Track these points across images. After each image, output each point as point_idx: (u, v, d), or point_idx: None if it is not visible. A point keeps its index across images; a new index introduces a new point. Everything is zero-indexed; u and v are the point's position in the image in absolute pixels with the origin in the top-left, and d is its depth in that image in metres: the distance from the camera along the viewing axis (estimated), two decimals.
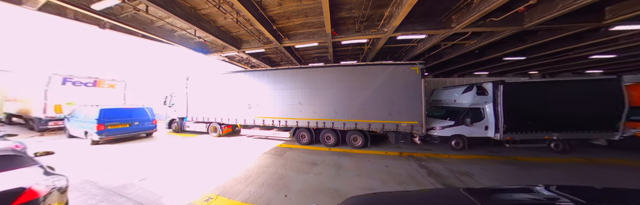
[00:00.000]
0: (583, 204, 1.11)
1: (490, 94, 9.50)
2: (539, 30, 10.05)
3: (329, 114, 10.72)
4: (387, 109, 9.96)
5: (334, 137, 10.79)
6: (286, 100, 11.11)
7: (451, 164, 7.75)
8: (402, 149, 10.19)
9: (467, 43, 11.93)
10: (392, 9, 9.49)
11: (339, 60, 18.39)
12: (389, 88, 9.92)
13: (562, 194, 1.19)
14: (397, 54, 14.77)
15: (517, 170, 7.09)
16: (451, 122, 9.94)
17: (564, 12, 8.58)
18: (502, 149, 9.84)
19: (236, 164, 8.17)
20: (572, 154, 9.26)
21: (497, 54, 13.13)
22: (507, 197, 1.14)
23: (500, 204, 1.06)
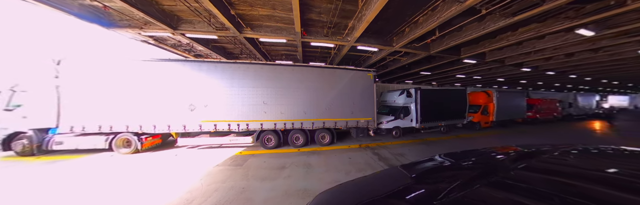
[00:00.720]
0: (454, 162, 1.04)
1: (413, 96, 8.01)
2: (436, 57, 8.86)
3: (298, 114, 6.20)
4: (349, 108, 6.66)
5: (303, 137, 6.37)
6: (248, 99, 5.84)
7: (392, 148, 6.14)
8: (361, 141, 7.10)
9: (402, 59, 10.42)
10: (355, 22, 6.47)
11: (308, 61, 11.80)
12: (351, 90, 6.67)
13: (446, 158, 1.10)
14: (357, 61, 11.33)
15: (427, 147, 6.46)
16: (392, 117, 7.84)
17: (446, 47, 8.22)
18: (419, 134, 8.50)
19: (172, 187, 3.36)
20: (449, 133, 8.93)
21: (417, 69, 12.15)
22: (422, 166, 0.99)
23: (419, 171, 0.89)
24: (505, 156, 1.04)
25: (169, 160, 4.83)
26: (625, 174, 0.75)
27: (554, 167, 0.82)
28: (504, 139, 8.07)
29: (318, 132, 6.33)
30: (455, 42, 7.48)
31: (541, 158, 0.92)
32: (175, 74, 5.28)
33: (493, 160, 1.04)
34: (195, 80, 5.34)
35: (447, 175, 0.91)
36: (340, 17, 6.57)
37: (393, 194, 0.73)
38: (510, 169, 0.81)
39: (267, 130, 5.81)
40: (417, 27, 6.79)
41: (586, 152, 1.06)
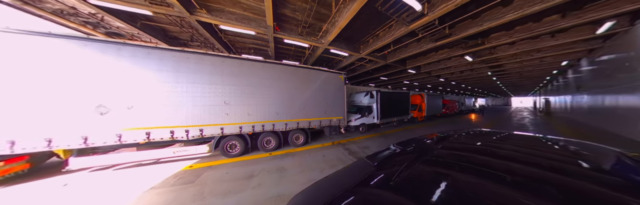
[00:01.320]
0: (402, 148, 0.85)
1: (375, 97, 6.26)
2: (391, 66, 7.32)
3: (269, 115, 3.57)
4: (323, 108, 4.43)
5: (276, 140, 3.76)
6: (202, 99, 2.79)
7: (360, 143, 4.40)
8: (334, 139, 4.96)
9: (367, 65, 8.83)
10: (328, 26, 4.36)
11: (281, 58, 7.73)
12: (324, 90, 4.45)
13: (397, 146, 0.88)
14: (330, 63, 8.96)
15: (385, 139, 4.92)
16: (359, 115, 5.92)
17: (397, 59, 6.83)
18: (379, 129, 6.80)
19: None
20: (399, 126, 7.52)
21: (377, 75, 10.81)
22: (381, 155, 0.77)
23: (379, 160, 0.70)
24: (431, 140, 0.95)
25: (53, 193, 1.70)
26: (489, 145, 0.84)
27: (455, 145, 0.85)
28: (432, 128, 7.29)
29: (292, 133, 4.06)
30: (403, 55, 6.30)
31: (449, 139, 0.94)
32: (70, 58, 2.09)
33: (425, 144, 0.91)
34: (109, 71, 2.23)
35: (398, 160, 0.72)
36: (315, 18, 4.18)
37: (361, 183, 0.56)
38: (434, 149, 0.79)
39: (230, 135, 3.14)
40: (378, 39, 5.05)
41: (470, 133, 1.10)
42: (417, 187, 0.49)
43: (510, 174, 0.52)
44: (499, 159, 0.65)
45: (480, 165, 0.60)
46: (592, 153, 0.69)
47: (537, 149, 0.75)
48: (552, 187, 0.44)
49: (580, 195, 0.41)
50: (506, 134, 0.99)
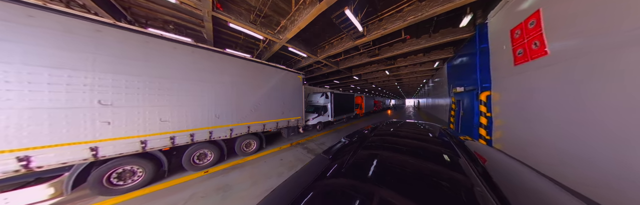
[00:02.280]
0: (350, 140, 1.03)
1: (330, 98, 6.93)
2: (342, 71, 8.67)
3: (204, 120, 2.53)
4: (280, 108, 4.16)
5: (215, 152, 2.79)
6: (42, 96, 0.96)
7: (317, 140, 4.67)
8: (292, 140, 4.85)
9: (323, 69, 8.81)
10: (287, 22, 4.12)
11: (223, 47, 5.48)
12: (281, 89, 4.19)
13: (346, 139, 1.07)
14: (289, 62, 7.81)
15: (338, 134, 5.52)
16: (316, 114, 6.25)
17: (346, 66, 8.09)
18: (333, 126, 7.65)
19: None
20: (348, 122, 8.93)
21: (332, 78, 11.30)
22: (334, 148, 0.88)
23: (333, 152, 0.79)
24: (367, 131, 1.21)
25: None
26: (396, 130, 1.21)
27: (381, 132, 1.12)
28: (369, 121, 9.32)
29: (240, 140, 3.36)
30: (350, 64, 7.60)
31: (378, 129, 1.23)
32: None
33: (364, 134, 1.12)
34: None
35: (347, 149, 0.85)
36: (272, 10, 3.80)
37: (319, 177, 0.59)
38: (369, 137, 0.99)
39: (119, 157, 1.73)
40: (332, 47, 5.62)
41: (387, 123, 1.47)
42: (360, 168, 0.62)
43: (404, 145, 0.89)
44: (400, 138, 1.04)
45: (392, 143, 0.92)
46: (431, 128, 1.29)
47: (414, 129, 1.25)
48: (420, 149, 0.84)
49: (428, 151, 0.81)
50: (402, 122, 1.54)
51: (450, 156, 0.67)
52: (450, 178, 0.51)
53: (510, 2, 2.75)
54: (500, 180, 0.49)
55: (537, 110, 2.17)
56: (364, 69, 9.53)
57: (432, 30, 4.79)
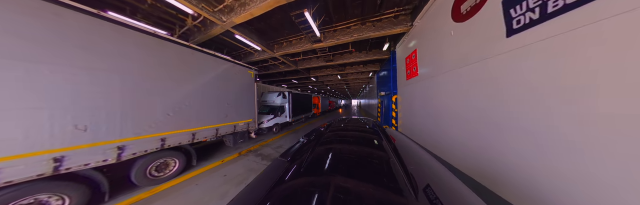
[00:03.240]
0: (308, 138, 1.11)
1: (288, 98, 6.67)
2: (302, 71, 8.66)
3: (48, 137, 1.15)
4: (223, 110, 3.22)
5: (86, 191, 1.33)
6: None
7: (274, 143, 4.30)
8: (242, 148, 4.02)
9: (281, 66, 7.74)
10: (235, 3, 3.29)
11: (105, 7, 2.34)
12: (224, 87, 3.26)
13: (305, 138, 1.16)
14: (238, 53, 5.55)
15: (296, 134, 5.40)
16: (272, 115, 5.74)
17: (304, 67, 8.04)
18: (291, 126, 7.38)
19: None
20: (306, 121, 9.09)
21: (290, 77, 10.54)
22: (292, 149, 0.97)
23: (291, 154, 0.87)
24: (324, 128, 1.33)
25: None
26: (345, 124, 1.42)
27: (334, 128, 1.26)
28: (325, 119, 10.21)
29: (145, 162, 2.12)
30: (308, 66, 7.76)
31: (332, 125, 1.39)
32: None
33: (320, 132, 1.20)
34: None
35: (306, 148, 0.86)
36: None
37: (277, 182, 0.54)
38: (325, 133, 1.08)
39: None
40: (291, 45, 5.48)
41: (338, 120, 1.73)
42: (318, 164, 0.65)
43: (351, 137, 1.07)
44: (348, 131, 1.23)
45: (343, 136, 1.08)
46: (367, 121, 1.64)
47: (357, 123, 1.53)
48: (361, 138, 1.05)
49: (366, 139, 1.03)
50: (350, 118, 1.84)
51: (378, 140, 0.93)
52: (378, 155, 0.72)
53: (405, 41, 4.37)
54: (401, 151, 0.79)
55: (413, 107, 3.68)
56: (320, 72, 10.23)
57: (368, 48, 6.35)
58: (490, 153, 1.61)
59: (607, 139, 0.80)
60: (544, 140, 1.14)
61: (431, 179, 0.55)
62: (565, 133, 1.01)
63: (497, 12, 1.53)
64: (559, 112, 1.05)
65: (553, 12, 1.10)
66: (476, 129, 1.82)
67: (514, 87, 1.38)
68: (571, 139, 0.97)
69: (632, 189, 0.72)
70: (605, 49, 0.83)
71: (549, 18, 1.13)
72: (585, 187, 0.89)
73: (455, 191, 0.50)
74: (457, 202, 0.45)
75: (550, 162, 1.09)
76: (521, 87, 1.32)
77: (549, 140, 1.11)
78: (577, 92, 0.96)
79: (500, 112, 1.51)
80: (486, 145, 1.68)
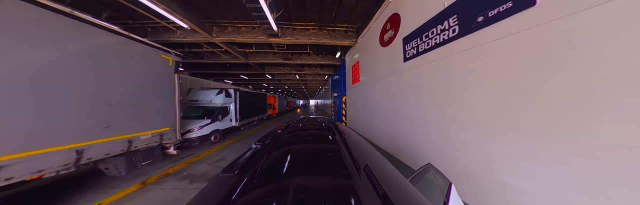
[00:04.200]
0: (263, 143, 0.96)
1: (233, 96, 5.43)
2: (254, 66, 7.50)
3: None
4: (98, 116, 1.78)
5: None
6: None
7: (212, 156, 3.35)
8: (149, 174, 2.47)
9: (223, 56, 5.56)
10: None
11: None
12: (103, 75, 1.82)
13: (258, 144, 0.98)
14: (142, 24, 2.56)
15: (247, 141, 4.60)
16: (208, 120, 4.25)
17: (258, 62, 6.95)
18: (240, 132, 6.11)
19: None
20: (260, 125, 8.04)
21: (237, 72, 8.33)
22: (242, 159, 0.74)
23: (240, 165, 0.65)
24: (281, 130, 1.21)
25: None
26: (304, 124, 1.39)
27: (293, 129, 1.19)
28: (282, 121, 9.61)
29: None
30: (263, 61, 6.88)
31: (290, 126, 1.30)
32: None
33: (278, 134, 1.10)
34: None
35: (260, 155, 0.75)
36: None
37: (222, 201, 0.43)
38: (283, 135, 1.02)
39: None
40: (239, 32, 4.60)
41: (297, 120, 1.62)
42: (275, 170, 0.58)
43: (310, 135, 1.08)
44: (307, 130, 1.22)
45: (302, 136, 1.06)
46: (323, 120, 1.66)
47: (314, 122, 1.54)
48: (320, 136, 1.07)
49: (322, 136, 1.06)
50: (308, 117, 1.80)
51: (332, 136, 0.99)
52: (332, 149, 0.78)
53: (352, 52, 5.32)
54: (349, 142, 0.88)
55: (357, 106, 4.62)
56: (277, 69, 9.41)
57: (324, 53, 6.93)
58: (396, 135, 2.47)
59: (452, 125, 1.57)
60: (423, 127, 1.95)
61: (368, 160, 0.67)
62: (434, 124, 1.80)
63: (400, 45, 2.33)
64: (430, 112, 1.86)
65: (422, 51, 1.94)
66: (390, 121, 2.69)
67: (411, 93, 2.20)
68: (438, 126, 1.74)
69: (460, 147, 1.38)
70: (452, 72, 1.56)
71: (421, 54, 1.97)
72: (439, 149, 1.73)
73: (381, 165, 0.66)
74: (382, 173, 0.59)
75: (425, 139, 1.94)
76: (414, 93, 2.13)
77: (425, 127, 1.91)
78: (438, 100, 1.71)
79: (403, 109, 2.34)
80: (393, 130, 2.56)
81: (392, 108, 2.59)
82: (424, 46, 1.88)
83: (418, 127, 1.97)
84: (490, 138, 1.17)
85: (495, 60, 1.14)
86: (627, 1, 0.65)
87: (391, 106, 2.64)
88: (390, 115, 2.64)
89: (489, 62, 1.18)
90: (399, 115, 2.37)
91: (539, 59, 0.92)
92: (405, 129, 2.24)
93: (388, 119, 2.71)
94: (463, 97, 1.41)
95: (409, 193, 0.49)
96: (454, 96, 1.50)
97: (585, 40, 0.76)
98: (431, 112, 1.78)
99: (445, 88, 1.60)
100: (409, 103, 2.16)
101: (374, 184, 0.49)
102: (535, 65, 0.93)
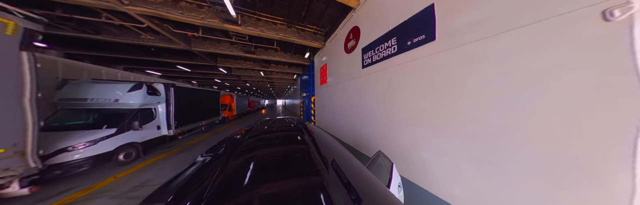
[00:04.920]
0: (214, 154, 0.76)
1: (162, 94, 3.98)
2: (199, 56, 6.08)
3: None
4: None
5: None
6: None
7: (122, 183, 2.17)
8: None
9: (144, 35, 3.56)
10: None
11: None
12: None
13: (207, 155, 0.76)
14: None
15: (189, 153, 3.48)
16: (112, 130, 2.63)
17: (206, 50, 5.35)
18: (176, 142, 4.52)
19: None
20: (210, 130, 6.46)
21: (172, 60, 5.09)
22: (180, 179, 0.53)
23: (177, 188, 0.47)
24: (240, 135, 1.05)
25: None
26: (270, 126, 1.27)
27: (256, 132, 1.06)
28: (242, 124, 8.25)
29: None
30: (214, 50, 5.48)
31: (253, 130, 1.16)
32: None
33: (235, 140, 0.96)
34: None
35: (210, 169, 0.62)
36: None
37: None
38: (244, 141, 0.88)
39: None
40: (175, 7, 3.36)
41: (261, 122, 1.49)
42: (233, 184, 0.49)
43: (277, 138, 1.01)
44: (274, 132, 1.14)
45: (268, 139, 0.96)
46: (292, 120, 1.56)
47: (282, 123, 1.43)
48: (288, 138, 1.01)
49: (291, 137, 1.01)
50: (274, 118, 1.67)
51: (301, 136, 0.96)
52: (301, 149, 0.77)
53: (320, 55, 5.54)
54: (318, 140, 0.88)
55: (324, 106, 4.87)
56: (237, 63, 7.87)
57: (293, 52, 6.68)
58: (356, 130, 2.89)
59: (392, 120, 1.99)
60: (374, 122, 2.37)
61: (335, 155, 0.71)
62: (381, 119, 2.23)
63: (360, 54, 2.72)
64: (378, 110, 2.31)
65: (374, 61, 2.38)
66: (352, 118, 3.10)
67: (365, 95, 2.61)
68: (383, 121, 2.12)
69: (399, 136, 1.78)
70: (390, 80, 1.98)
71: (373, 64, 2.41)
72: (386, 138, 2.18)
73: (345, 158, 0.70)
74: (346, 165, 0.64)
75: (376, 131, 2.39)
76: (367, 95, 2.55)
77: (375, 122, 2.33)
78: (382, 100, 2.13)
79: (360, 108, 2.75)
80: (354, 126, 2.98)
81: (352, 107, 2.98)
82: (376, 57, 2.29)
83: (371, 122, 2.37)
84: (412, 128, 1.64)
85: (412, 73, 1.63)
86: (471, 47, 1.12)
87: (351, 105, 3.02)
88: (351, 114, 3.01)
89: (408, 74, 1.67)
90: (358, 113, 2.75)
91: (431, 75, 1.40)
92: (363, 124, 2.64)
93: (350, 116, 3.08)
94: (396, 98, 1.89)
95: (367, 178, 0.55)
96: (391, 98, 1.97)
97: (452, 65, 1.22)
98: (378, 110, 2.21)
99: (387, 91, 2.05)
100: (363, 103, 2.58)
101: (340, 176, 0.52)
102: (430, 79, 1.38)
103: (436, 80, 1.34)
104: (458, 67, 1.18)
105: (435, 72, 1.35)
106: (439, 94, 1.31)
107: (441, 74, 1.30)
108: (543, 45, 0.77)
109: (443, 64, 1.30)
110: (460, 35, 1.18)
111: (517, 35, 0.88)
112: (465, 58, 1.13)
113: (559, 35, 0.72)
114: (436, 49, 1.37)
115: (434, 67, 1.37)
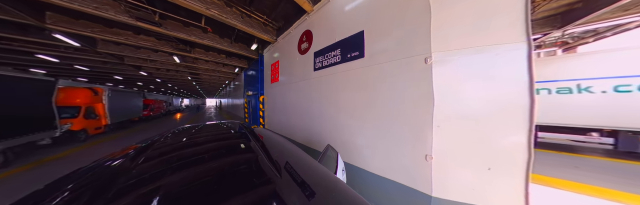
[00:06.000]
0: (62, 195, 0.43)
1: None
2: None
3: None
4: None
5: None
6: None
7: None
8: None
9: None
10: None
11: None
12: None
13: None
14: None
15: None
16: None
17: None
18: None
19: None
20: (15, 164, 2.88)
21: None
22: None
23: None
24: (124, 159, 0.64)
25: None
26: (192, 137, 0.91)
27: (163, 150, 0.71)
28: (125, 141, 4.99)
29: None
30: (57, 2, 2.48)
31: (154, 146, 0.74)
32: None
33: (109, 169, 0.58)
34: None
35: None
36: None
37: None
38: (131, 168, 0.54)
39: None
40: None
41: (176, 132, 1.04)
42: None
43: (207, 151, 0.70)
44: (201, 144, 0.80)
45: (188, 156, 0.64)
46: (232, 124, 1.26)
47: (216, 130, 1.13)
48: (223, 147, 0.78)
49: (231, 146, 0.81)
50: (202, 125, 1.25)
51: (245, 143, 0.80)
52: (247, 158, 0.65)
53: (271, 50, 5.03)
54: (268, 145, 0.80)
55: (276, 106, 4.56)
56: (112, 33, 4.31)
57: (234, 39, 5.28)
58: (307, 129, 3.07)
59: (338, 116, 2.36)
60: (323, 120, 2.69)
61: (287, 157, 0.66)
62: (328, 117, 2.56)
63: (312, 57, 2.93)
64: (326, 108, 2.65)
65: (324, 66, 2.71)
66: (303, 117, 3.22)
67: (316, 95, 2.87)
68: (330, 118, 2.47)
69: (343, 129, 2.15)
70: (336, 84, 2.34)
71: (323, 68, 2.72)
72: (333, 132, 2.45)
73: (299, 158, 0.66)
74: (300, 164, 0.61)
75: (325, 127, 2.67)
76: (317, 95, 2.83)
77: (324, 119, 2.66)
78: (330, 100, 2.49)
79: (311, 107, 2.98)
80: (305, 125, 3.15)
81: (304, 106, 3.09)
82: (325, 63, 2.59)
83: (320, 121, 2.65)
84: (351, 122, 2.12)
85: (351, 79, 2.12)
86: (381, 66, 1.70)
87: (303, 105, 3.13)
88: (303, 113, 3.12)
89: (349, 80, 2.17)
90: (309, 113, 2.92)
91: (363, 82, 1.95)
92: (314, 123, 2.84)
93: (302, 116, 3.17)
94: (340, 99, 2.33)
95: (320, 172, 0.56)
96: (337, 98, 2.38)
97: (372, 77, 1.81)
98: (327, 108, 2.55)
99: (333, 93, 2.44)
100: (314, 102, 2.79)
101: (294, 178, 0.50)
102: (362, 85, 1.91)
103: (364, 86, 1.87)
104: (376, 78, 1.74)
105: (364, 81, 1.88)
106: (366, 96, 1.84)
107: (367, 83, 1.83)
108: (404, 70, 1.38)
109: (368, 75, 1.83)
110: (376, 57, 1.74)
111: (396, 63, 1.52)
112: (380, 73, 1.70)
113: (410, 66, 1.40)
114: (365, 64, 1.88)
115: (364, 76, 1.88)
